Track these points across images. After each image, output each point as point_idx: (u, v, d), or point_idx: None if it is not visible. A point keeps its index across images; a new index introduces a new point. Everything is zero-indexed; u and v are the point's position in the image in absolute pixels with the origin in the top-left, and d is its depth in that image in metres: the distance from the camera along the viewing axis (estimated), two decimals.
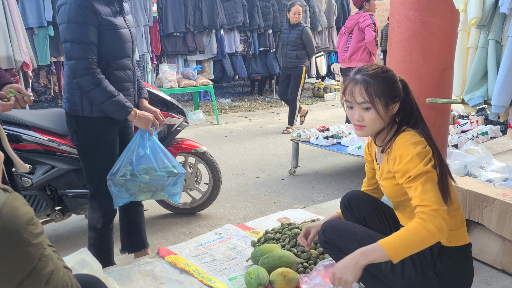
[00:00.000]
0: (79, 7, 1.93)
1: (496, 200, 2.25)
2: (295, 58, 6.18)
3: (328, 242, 1.78)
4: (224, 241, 2.62)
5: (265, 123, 6.88)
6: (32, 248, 0.92)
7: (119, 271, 2.27)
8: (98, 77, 2.00)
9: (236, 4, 7.99)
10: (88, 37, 1.97)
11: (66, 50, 2.00)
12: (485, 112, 5.14)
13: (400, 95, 1.66)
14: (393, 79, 1.66)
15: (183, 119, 3.01)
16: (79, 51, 1.96)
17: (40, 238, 0.94)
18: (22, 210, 0.92)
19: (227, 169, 4.48)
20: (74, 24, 1.95)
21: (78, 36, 1.95)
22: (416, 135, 1.61)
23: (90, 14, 1.96)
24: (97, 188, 2.25)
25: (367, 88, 1.62)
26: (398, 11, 2.34)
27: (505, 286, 2.17)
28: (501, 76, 2.02)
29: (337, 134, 4.24)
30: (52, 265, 0.98)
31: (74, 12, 1.93)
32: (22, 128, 2.60)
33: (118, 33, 2.09)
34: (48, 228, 3.06)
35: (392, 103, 1.65)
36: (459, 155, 3.35)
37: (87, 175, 2.26)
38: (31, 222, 0.93)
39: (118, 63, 2.12)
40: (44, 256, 0.95)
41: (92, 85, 1.99)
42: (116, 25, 2.08)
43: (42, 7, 6.29)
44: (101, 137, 2.19)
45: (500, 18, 2.02)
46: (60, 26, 2.01)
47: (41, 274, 0.94)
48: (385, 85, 1.63)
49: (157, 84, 6.53)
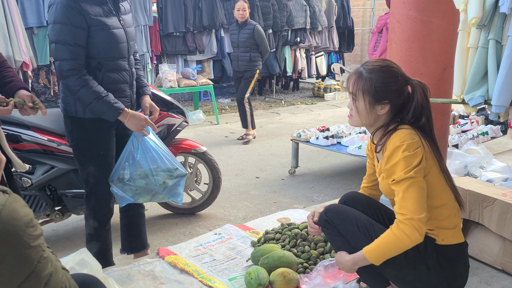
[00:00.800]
0: (65, 8, 1.91)
1: (496, 200, 2.25)
2: (248, 61, 5.59)
3: (329, 222, 1.80)
4: (224, 241, 2.62)
5: (265, 123, 6.87)
6: (32, 250, 0.91)
7: (119, 271, 2.26)
8: (84, 78, 1.98)
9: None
10: (73, 38, 1.94)
11: (52, 50, 2.00)
12: (485, 112, 5.14)
13: (392, 98, 1.64)
14: (386, 80, 1.63)
15: (183, 119, 3.01)
16: (63, 52, 1.94)
17: (39, 240, 0.94)
18: (21, 212, 0.91)
19: (227, 169, 4.48)
20: (59, 24, 1.94)
21: (63, 37, 1.94)
22: (411, 134, 1.59)
23: (77, 15, 1.93)
24: (92, 189, 2.25)
25: (356, 80, 1.66)
26: (398, 11, 2.34)
27: (505, 286, 2.16)
28: (501, 76, 2.02)
29: (337, 134, 4.24)
30: (51, 267, 0.97)
31: (60, 13, 1.92)
32: (21, 128, 2.60)
33: (110, 33, 2.05)
34: (48, 228, 3.06)
35: (377, 104, 1.64)
36: (459, 155, 3.34)
37: (82, 176, 2.26)
38: (30, 224, 0.92)
39: (111, 64, 2.09)
40: (43, 258, 0.95)
41: (78, 86, 1.97)
42: (108, 25, 2.04)
43: (41, 7, 6.29)
44: (95, 138, 2.17)
45: (500, 18, 2.02)
46: (49, 27, 2.01)
47: (41, 276, 0.94)
48: (374, 84, 1.62)
49: (157, 84, 6.53)
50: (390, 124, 1.68)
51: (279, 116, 7.44)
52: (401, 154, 1.55)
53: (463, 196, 2.39)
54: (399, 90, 1.65)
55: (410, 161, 1.54)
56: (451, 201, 1.68)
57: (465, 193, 2.39)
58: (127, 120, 2.08)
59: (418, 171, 1.54)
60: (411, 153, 1.55)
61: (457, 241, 1.67)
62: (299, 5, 8.82)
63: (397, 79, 1.65)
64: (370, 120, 1.69)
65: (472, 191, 2.36)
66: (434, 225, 1.65)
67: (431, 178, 1.63)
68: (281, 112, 7.73)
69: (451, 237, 1.66)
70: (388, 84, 1.63)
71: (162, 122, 2.90)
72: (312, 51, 9.35)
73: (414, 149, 1.56)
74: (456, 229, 1.68)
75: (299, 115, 7.50)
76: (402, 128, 1.62)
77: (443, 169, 1.68)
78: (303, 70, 9.26)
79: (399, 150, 1.56)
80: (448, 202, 1.67)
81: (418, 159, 1.55)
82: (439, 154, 1.68)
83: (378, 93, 1.63)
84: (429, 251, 1.64)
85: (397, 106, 1.67)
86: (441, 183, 1.66)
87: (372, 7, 11.65)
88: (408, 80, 1.68)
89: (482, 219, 2.32)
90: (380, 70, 1.64)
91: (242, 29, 5.55)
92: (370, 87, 1.63)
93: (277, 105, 8.44)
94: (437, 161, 1.65)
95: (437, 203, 1.64)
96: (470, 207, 2.37)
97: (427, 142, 1.63)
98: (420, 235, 1.52)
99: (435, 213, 1.64)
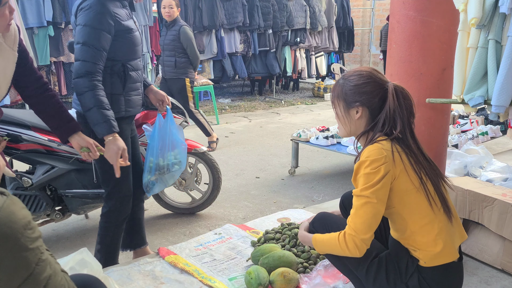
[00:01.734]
0: (100, 14, 1.98)
1: (496, 200, 2.25)
2: (173, 67, 4.86)
3: (315, 233, 1.81)
4: (224, 241, 2.62)
5: (265, 123, 6.88)
6: (29, 253, 0.91)
7: (119, 271, 2.26)
8: (95, 82, 2.00)
9: (236, 4, 7.99)
10: (100, 42, 2.00)
11: (76, 50, 2.03)
12: (485, 112, 5.14)
13: (362, 100, 1.60)
14: (356, 83, 1.61)
15: (183, 119, 3.02)
16: (88, 53, 1.99)
17: (37, 243, 0.93)
18: (19, 214, 0.90)
19: (227, 169, 4.48)
20: (90, 28, 1.99)
21: (92, 41, 1.99)
22: (380, 149, 1.53)
23: (109, 22, 2.01)
24: (114, 188, 2.26)
25: (333, 88, 1.70)
26: (398, 11, 2.34)
27: (505, 286, 2.17)
28: (501, 76, 2.02)
29: (337, 134, 4.24)
30: (50, 269, 0.96)
31: (94, 18, 1.98)
32: (22, 128, 2.60)
33: (133, 36, 2.15)
34: (48, 228, 3.06)
35: (350, 108, 1.63)
36: (459, 155, 3.35)
37: (103, 176, 2.26)
38: (28, 227, 0.91)
39: (133, 65, 2.19)
40: (41, 260, 0.94)
41: (86, 88, 1.99)
42: (132, 29, 2.14)
43: (42, 7, 6.29)
44: (121, 137, 2.16)
45: (500, 18, 2.02)
46: (77, 28, 2.04)
47: (39, 279, 0.93)
48: (345, 88, 1.64)
49: (157, 84, 6.54)
50: (369, 133, 1.64)
51: (279, 116, 7.45)
52: (363, 171, 1.53)
53: (463, 196, 2.40)
54: (371, 92, 1.60)
55: (370, 178, 1.51)
56: (437, 219, 1.57)
57: (465, 193, 2.39)
58: (110, 141, 2.00)
59: (375, 192, 1.50)
60: (372, 171, 1.51)
61: (444, 262, 1.57)
62: (299, 5, 8.82)
63: (369, 81, 1.61)
64: (350, 127, 1.67)
65: (472, 191, 2.36)
66: (416, 245, 1.58)
67: (409, 196, 1.56)
68: (281, 112, 7.74)
69: (435, 258, 1.56)
70: (358, 86, 1.61)
71: None
72: (312, 51, 9.35)
73: (377, 167, 1.51)
74: (444, 249, 1.56)
75: (299, 115, 7.51)
76: (377, 140, 1.57)
77: (430, 182, 1.58)
78: (303, 70, 9.27)
79: (362, 166, 1.54)
80: (433, 221, 1.56)
81: (378, 176, 1.50)
82: (423, 166, 1.59)
83: (349, 96, 1.63)
84: (410, 271, 1.59)
85: (373, 109, 1.62)
86: (422, 201, 1.56)
87: (372, 7, 11.66)
88: (383, 84, 1.62)
89: (482, 219, 2.33)
90: (353, 75, 1.64)
91: (169, 30, 4.84)
92: (342, 91, 1.65)
93: (277, 105, 8.44)
94: (421, 175, 1.57)
95: (420, 221, 1.57)
96: (470, 207, 2.38)
97: (407, 155, 1.56)
98: (360, 253, 1.54)
99: (416, 233, 1.57)
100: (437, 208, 1.58)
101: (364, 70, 1.65)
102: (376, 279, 1.63)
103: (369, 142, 1.60)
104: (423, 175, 1.57)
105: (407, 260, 1.60)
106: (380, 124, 1.59)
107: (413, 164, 1.57)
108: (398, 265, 1.60)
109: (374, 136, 1.60)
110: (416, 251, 1.59)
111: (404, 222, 1.59)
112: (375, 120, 1.62)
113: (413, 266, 1.59)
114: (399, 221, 1.62)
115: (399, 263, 1.61)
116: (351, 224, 1.54)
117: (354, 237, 1.52)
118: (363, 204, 1.52)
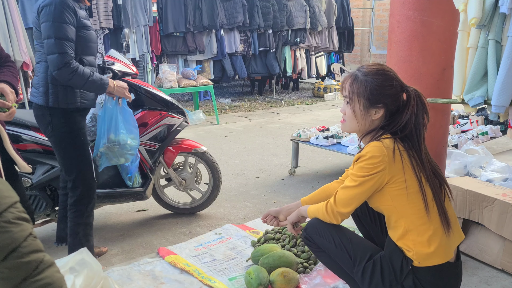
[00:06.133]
0: (64, 9, 2.16)
1: (496, 200, 2.25)
2: None
3: (308, 239, 1.83)
4: (224, 241, 2.62)
5: (265, 123, 6.87)
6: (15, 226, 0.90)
7: (119, 271, 2.27)
8: (74, 65, 2.19)
9: (236, 4, 7.99)
10: (70, 34, 2.19)
11: (49, 45, 2.16)
12: (485, 112, 5.14)
13: (387, 102, 1.61)
14: (382, 84, 1.61)
15: (183, 119, 3.01)
16: (62, 46, 2.15)
17: (25, 223, 0.93)
18: (5, 193, 0.92)
19: (227, 169, 4.48)
20: (58, 23, 2.15)
21: (63, 34, 2.16)
22: (381, 148, 1.56)
23: (72, 16, 2.20)
24: (78, 175, 2.31)
25: (352, 83, 1.66)
26: (398, 11, 2.34)
27: (505, 286, 2.17)
28: (501, 76, 2.02)
29: (337, 134, 4.24)
30: (42, 254, 0.96)
31: (60, 13, 2.15)
32: (22, 128, 2.61)
33: (90, 33, 2.33)
34: (48, 228, 3.06)
35: (372, 108, 1.63)
36: (459, 155, 3.35)
37: (66, 166, 2.32)
38: (15, 206, 0.92)
39: (88, 60, 2.34)
40: (31, 239, 0.94)
41: (71, 74, 2.17)
42: (89, 26, 2.34)
43: None
44: (77, 126, 2.31)
45: (500, 18, 2.02)
46: (43, 24, 2.18)
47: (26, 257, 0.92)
48: (369, 87, 1.61)
49: (157, 84, 6.53)
50: (379, 131, 1.65)
51: (279, 116, 7.45)
52: (361, 163, 1.60)
53: (463, 196, 2.40)
54: (395, 95, 1.62)
55: (364, 170, 1.59)
56: (434, 220, 1.59)
57: (465, 193, 2.39)
58: (114, 87, 2.37)
59: (364, 182, 1.60)
60: (368, 166, 1.58)
61: (438, 262, 1.58)
62: (299, 5, 8.82)
63: (393, 84, 1.63)
64: (364, 124, 1.67)
65: (472, 191, 2.36)
66: (411, 246, 1.59)
67: (404, 195, 1.58)
68: (281, 112, 7.73)
69: (428, 259, 1.57)
70: (384, 87, 1.61)
71: (162, 122, 2.90)
72: (312, 51, 9.35)
73: (373, 163, 1.56)
74: (437, 250, 1.57)
75: (299, 115, 7.51)
76: (381, 138, 1.60)
77: (428, 183, 1.60)
78: (303, 70, 9.26)
79: (361, 158, 1.60)
80: (429, 222, 1.58)
81: (372, 172, 1.57)
82: (425, 171, 1.60)
83: (373, 96, 1.61)
84: (405, 272, 1.60)
85: (391, 111, 1.64)
86: (419, 203, 1.58)
87: (372, 7, 11.66)
88: (403, 87, 1.65)
89: (482, 219, 2.33)
90: (376, 73, 1.63)
91: None
92: (365, 90, 1.62)
93: (277, 105, 8.44)
94: (420, 178, 1.58)
95: (416, 222, 1.58)
96: (470, 207, 2.38)
97: (409, 156, 1.58)
98: (337, 222, 1.70)
99: (412, 231, 1.59)
100: (432, 213, 1.59)
101: (387, 70, 1.64)
102: (371, 280, 1.64)
103: (375, 139, 1.63)
104: (423, 179, 1.59)
105: (401, 260, 1.60)
106: (396, 127, 1.62)
107: (414, 166, 1.58)
108: (393, 266, 1.61)
109: (378, 133, 1.63)
110: (410, 251, 1.60)
111: (400, 220, 1.61)
112: (390, 121, 1.64)
113: (408, 267, 1.60)
114: (394, 219, 1.63)
115: (394, 264, 1.61)
116: (336, 196, 1.68)
117: (333, 207, 1.68)
118: (351, 186, 1.63)
